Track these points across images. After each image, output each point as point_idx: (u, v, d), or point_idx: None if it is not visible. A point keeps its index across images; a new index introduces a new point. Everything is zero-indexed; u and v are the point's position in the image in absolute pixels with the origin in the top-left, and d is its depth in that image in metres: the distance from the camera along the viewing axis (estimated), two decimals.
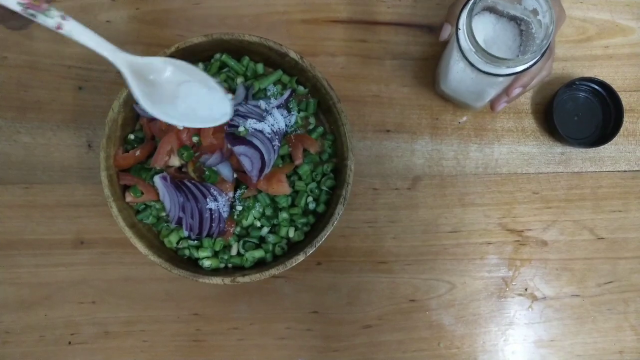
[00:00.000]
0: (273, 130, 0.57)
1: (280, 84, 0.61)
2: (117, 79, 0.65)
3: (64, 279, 0.63)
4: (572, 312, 0.66)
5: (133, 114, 0.59)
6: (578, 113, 0.68)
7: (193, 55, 0.58)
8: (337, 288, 0.65)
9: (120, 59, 0.46)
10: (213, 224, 0.57)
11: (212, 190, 0.56)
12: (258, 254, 0.58)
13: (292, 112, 0.60)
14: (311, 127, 0.62)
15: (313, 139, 0.61)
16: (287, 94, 0.60)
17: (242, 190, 0.58)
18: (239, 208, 0.58)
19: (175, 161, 0.57)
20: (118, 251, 0.63)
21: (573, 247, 0.67)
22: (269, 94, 0.60)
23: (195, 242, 0.59)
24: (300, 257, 0.55)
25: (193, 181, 0.57)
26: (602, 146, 0.67)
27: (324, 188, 0.61)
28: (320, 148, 0.61)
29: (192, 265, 0.59)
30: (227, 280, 0.55)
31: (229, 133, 0.55)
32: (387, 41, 0.67)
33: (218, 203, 0.56)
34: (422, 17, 0.68)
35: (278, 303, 0.64)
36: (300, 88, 0.62)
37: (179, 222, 0.58)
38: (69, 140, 0.64)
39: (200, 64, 0.60)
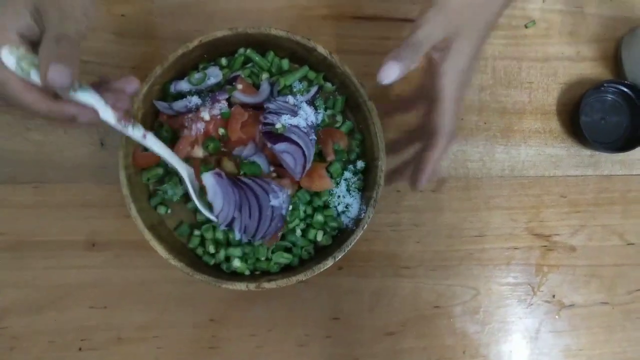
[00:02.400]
0: (308, 124, 0.54)
1: (306, 81, 0.59)
2: (132, 75, 0.62)
3: (75, 282, 0.60)
4: (601, 320, 0.64)
5: (152, 110, 0.57)
6: (605, 116, 0.67)
7: (216, 49, 0.56)
8: (359, 293, 0.62)
9: (184, 169, 0.54)
10: (272, 223, 0.53)
11: (273, 185, 0.53)
12: (286, 258, 0.56)
13: (319, 110, 0.58)
14: (338, 125, 0.59)
15: (342, 132, 0.58)
16: (313, 90, 0.57)
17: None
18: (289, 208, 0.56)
19: (199, 152, 0.54)
20: (132, 253, 0.61)
21: (602, 253, 0.65)
22: (294, 90, 0.58)
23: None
24: (329, 263, 0.52)
25: (252, 177, 0.53)
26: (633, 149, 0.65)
27: (354, 189, 0.58)
28: (348, 145, 0.59)
29: (214, 269, 0.56)
30: (252, 286, 0.52)
31: (267, 132, 0.53)
32: None
33: (279, 200, 0.53)
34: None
35: (297, 308, 0.62)
36: (328, 85, 0.59)
37: (230, 224, 0.54)
38: (81, 138, 0.62)
39: (224, 59, 0.58)
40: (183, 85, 0.56)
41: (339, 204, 0.58)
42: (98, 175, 0.62)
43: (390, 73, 0.47)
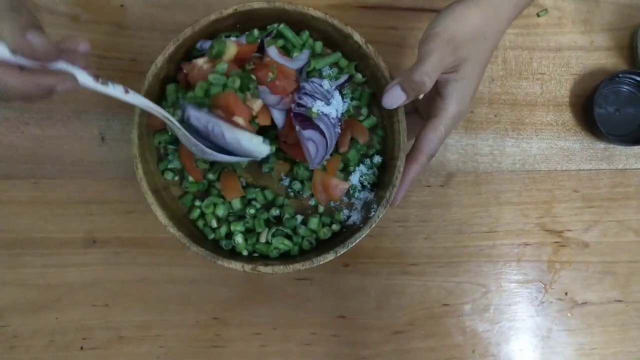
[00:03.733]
0: (337, 116, 0.52)
1: (336, 67, 0.57)
2: (131, 68, 0.61)
3: (75, 280, 0.59)
4: (615, 318, 0.62)
5: (175, 74, 0.55)
6: (620, 108, 0.64)
7: (249, 21, 0.54)
8: (365, 291, 0.61)
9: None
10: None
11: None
12: (286, 245, 0.54)
13: (345, 100, 0.56)
14: (362, 118, 0.57)
15: (364, 126, 0.56)
16: (343, 78, 0.55)
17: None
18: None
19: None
20: (133, 251, 0.59)
21: (616, 249, 0.63)
22: (323, 75, 0.55)
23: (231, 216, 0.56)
24: (330, 256, 0.50)
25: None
26: None
27: (367, 184, 0.56)
28: (368, 141, 0.56)
29: (213, 245, 0.55)
30: (248, 268, 0.50)
31: (299, 114, 0.50)
32: (420, 28, 0.63)
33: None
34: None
35: (302, 307, 0.60)
36: (358, 75, 0.57)
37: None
38: (80, 132, 0.60)
39: (256, 31, 0.55)
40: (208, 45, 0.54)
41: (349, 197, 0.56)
42: (98, 171, 0.60)
43: (395, 100, 0.49)
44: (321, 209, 0.57)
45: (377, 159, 0.56)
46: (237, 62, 0.52)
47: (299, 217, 0.56)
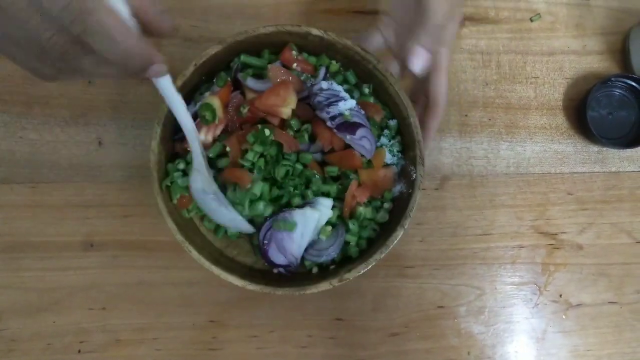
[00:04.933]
0: (357, 104, 0.52)
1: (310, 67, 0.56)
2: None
3: (72, 284, 0.59)
4: (609, 320, 0.62)
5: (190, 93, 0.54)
6: (613, 111, 0.65)
7: (260, 44, 0.54)
8: (362, 294, 0.61)
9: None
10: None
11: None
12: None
13: (344, 86, 0.55)
14: (366, 94, 0.56)
15: (377, 105, 0.55)
16: (321, 71, 0.55)
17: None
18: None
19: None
20: (130, 254, 0.60)
21: (610, 251, 0.63)
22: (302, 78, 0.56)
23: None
24: (404, 227, 0.51)
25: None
26: None
27: (396, 152, 0.56)
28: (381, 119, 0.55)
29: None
30: (335, 282, 0.50)
31: (341, 124, 0.50)
32: None
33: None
34: None
35: (299, 309, 0.61)
36: (333, 63, 0.56)
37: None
38: (77, 137, 0.61)
39: (222, 73, 0.54)
40: None
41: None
42: (95, 175, 0.60)
43: (422, 60, 0.49)
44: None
45: (392, 122, 0.56)
46: (224, 108, 0.52)
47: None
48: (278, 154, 0.51)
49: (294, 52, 0.54)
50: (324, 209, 0.52)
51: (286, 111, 0.51)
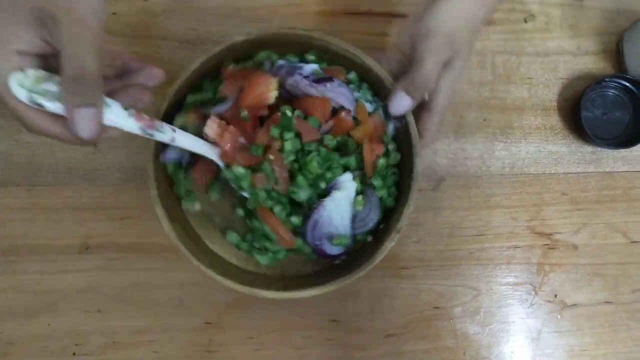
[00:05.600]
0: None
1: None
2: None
3: (69, 286, 0.59)
4: (604, 320, 0.63)
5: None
6: (607, 112, 0.65)
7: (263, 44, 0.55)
8: (358, 295, 0.61)
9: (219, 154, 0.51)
10: None
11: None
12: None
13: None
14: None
15: (341, 68, 0.55)
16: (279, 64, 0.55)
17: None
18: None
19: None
20: (127, 256, 0.60)
21: (605, 251, 0.63)
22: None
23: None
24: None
25: None
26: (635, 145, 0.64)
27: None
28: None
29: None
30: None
31: (315, 80, 0.51)
32: None
33: None
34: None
35: (295, 311, 0.61)
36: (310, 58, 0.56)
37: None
38: None
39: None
40: None
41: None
42: (92, 177, 0.61)
43: (403, 106, 0.50)
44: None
45: (352, 75, 0.56)
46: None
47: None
48: (300, 146, 0.52)
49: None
50: (348, 184, 0.53)
51: (273, 94, 0.51)
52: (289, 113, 0.50)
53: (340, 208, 0.53)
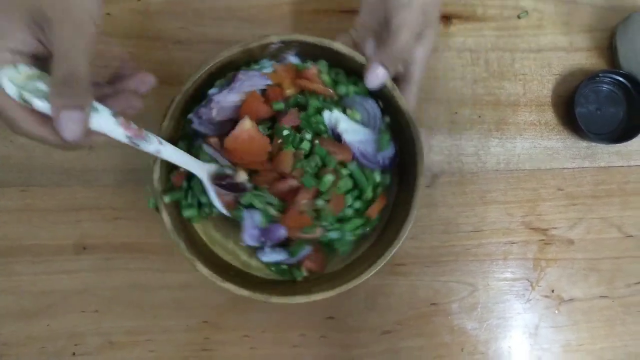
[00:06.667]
0: None
1: None
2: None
3: (66, 287, 0.59)
4: (601, 314, 0.63)
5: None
6: (601, 107, 0.65)
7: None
8: (354, 292, 0.61)
9: (204, 171, 0.51)
10: None
11: None
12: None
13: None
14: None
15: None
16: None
17: None
18: None
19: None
20: (123, 256, 0.60)
21: (601, 246, 0.64)
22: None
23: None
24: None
25: None
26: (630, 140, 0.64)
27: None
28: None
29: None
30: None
31: None
32: None
33: None
34: (442, 5, 0.64)
35: (291, 309, 0.60)
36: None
37: None
38: None
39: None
40: None
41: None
42: (87, 178, 0.61)
43: (380, 79, 0.50)
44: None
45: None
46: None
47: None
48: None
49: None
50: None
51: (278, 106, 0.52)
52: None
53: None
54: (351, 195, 0.53)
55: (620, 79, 0.64)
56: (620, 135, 0.65)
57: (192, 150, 0.53)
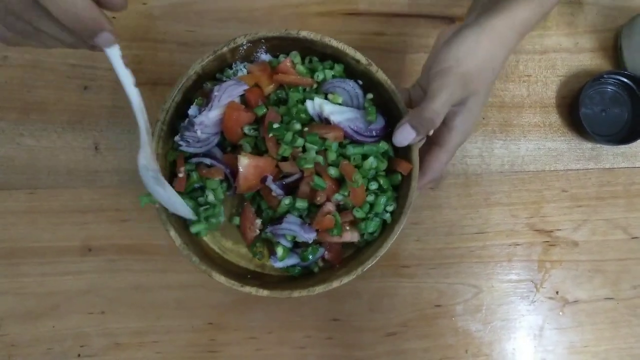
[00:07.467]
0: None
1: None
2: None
3: (71, 288, 0.60)
4: (605, 316, 0.63)
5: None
6: (606, 108, 0.65)
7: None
8: (358, 294, 0.62)
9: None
10: None
11: None
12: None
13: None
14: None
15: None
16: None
17: None
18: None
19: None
20: (128, 258, 0.60)
21: (606, 248, 0.63)
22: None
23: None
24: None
25: None
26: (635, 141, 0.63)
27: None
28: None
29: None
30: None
31: None
32: (407, 34, 0.64)
33: None
34: (444, 7, 0.64)
35: (296, 310, 0.61)
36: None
37: None
38: (74, 142, 0.61)
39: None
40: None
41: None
42: (92, 180, 0.61)
43: (406, 138, 0.49)
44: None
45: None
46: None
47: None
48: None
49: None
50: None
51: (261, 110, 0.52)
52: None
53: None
54: (367, 181, 0.53)
55: (625, 80, 0.64)
56: (625, 136, 0.64)
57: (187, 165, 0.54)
